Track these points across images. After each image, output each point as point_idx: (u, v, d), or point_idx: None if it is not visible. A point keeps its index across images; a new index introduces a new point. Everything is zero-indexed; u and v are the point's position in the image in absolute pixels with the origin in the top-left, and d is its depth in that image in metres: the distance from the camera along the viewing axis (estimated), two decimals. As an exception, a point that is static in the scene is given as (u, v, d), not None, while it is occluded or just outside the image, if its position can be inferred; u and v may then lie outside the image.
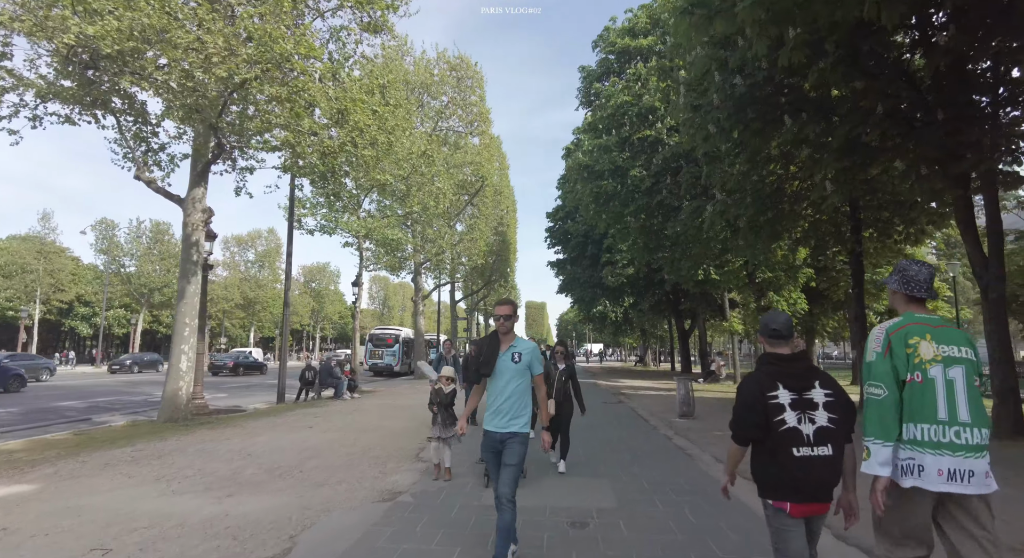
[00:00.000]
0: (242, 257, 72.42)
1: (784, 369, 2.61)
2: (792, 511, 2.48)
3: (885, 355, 2.50)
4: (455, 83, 28.91)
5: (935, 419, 2.39)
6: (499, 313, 3.76)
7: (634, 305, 38.61)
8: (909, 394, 2.44)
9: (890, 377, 2.46)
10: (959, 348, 2.47)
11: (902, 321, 2.56)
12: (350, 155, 13.03)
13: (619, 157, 19.05)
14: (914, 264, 2.67)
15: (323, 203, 20.47)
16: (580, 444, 8.56)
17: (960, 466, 2.34)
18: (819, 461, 2.43)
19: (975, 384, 2.46)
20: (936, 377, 2.41)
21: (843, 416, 2.51)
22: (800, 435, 2.44)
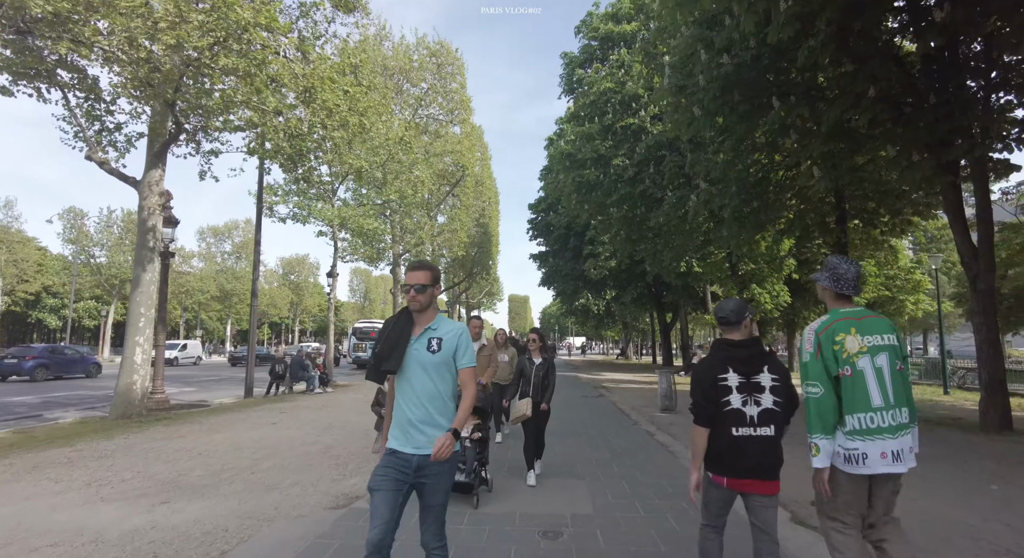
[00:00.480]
0: (218, 248, 70.82)
1: (734, 354, 2.78)
2: (728, 484, 2.73)
3: (817, 355, 2.66)
4: (435, 70, 28.15)
5: (870, 407, 2.56)
6: (409, 281, 2.64)
7: (616, 298, 38.37)
8: (843, 389, 2.61)
9: (824, 376, 2.62)
10: (883, 336, 2.65)
11: (828, 319, 2.73)
12: (320, 138, 12.39)
13: (602, 145, 18.61)
14: (844, 262, 2.80)
15: (295, 190, 19.75)
16: (556, 441, 8.12)
17: (897, 446, 2.56)
18: (759, 441, 2.65)
19: (898, 368, 2.64)
20: (865, 368, 2.59)
21: (787, 400, 2.72)
22: (743, 416, 2.67)
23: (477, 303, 57.64)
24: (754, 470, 2.67)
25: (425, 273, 2.67)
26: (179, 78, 9.52)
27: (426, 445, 2.50)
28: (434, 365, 2.57)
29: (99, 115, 10.83)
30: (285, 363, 16.94)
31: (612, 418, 11.01)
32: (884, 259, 21.53)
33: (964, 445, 8.06)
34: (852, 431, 2.59)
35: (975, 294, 9.53)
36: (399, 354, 2.57)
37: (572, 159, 18.80)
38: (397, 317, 2.69)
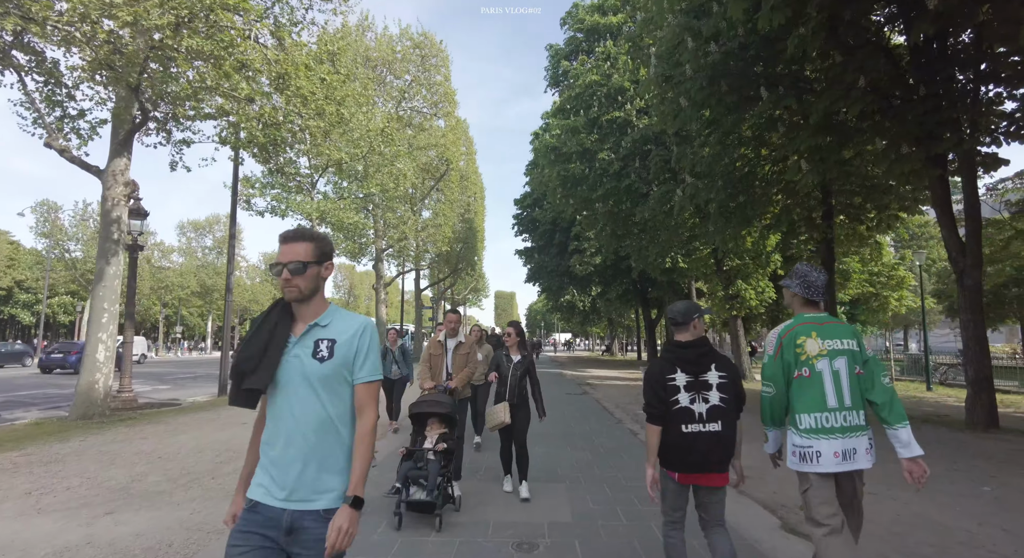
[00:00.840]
0: (199, 243, 69.58)
1: (682, 354, 2.87)
2: (679, 479, 2.83)
3: (776, 356, 2.80)
4: (419, 62, 27.71)
5: (825, 407, 2.67)
6: (282, 258, 1.78)
7: (602, 294, 38.21)
8: (799, 388, 2.74)
9: (779, 376, 2.79)
10: (842, 340, 2.74)
11: (792, 323, 2.84)
12: (295, 127, 11.95)
13: (587, 139, 18.32)
14: (813, 270, 2.91)
15: (273, 182, 19.24)
16: (537, 441, 7.83)
17: (848, 446, 2.64)
18: (707, 436, 2.73)
19: (856, 372, 2.72)
20: (823, 370, 2.70)
21: (734, 396, 2.82)
22: (691, 414, 2.75)
23: (462, 299, 57.27)
24: (703, 465, 2.77)
25: (305, 245, 1.79)
26: (143, 61, 9.04)
27: (309, 497, 1.68)
28: (323, 378, 1.74)
29: (60, 100, 10.29)
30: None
31: (596, 416, 10.75)
32: (868, 255, 21.57)
33: (952, 444, 7.91)
34: (807, 429, 2.71)
35: (962, 290, 9.40)
36: (270, 364, 1.74)
37: (557, 153, 18.50)
38: (268, 311, 1.86)
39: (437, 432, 4.78)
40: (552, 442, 7.94)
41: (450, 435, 4.85)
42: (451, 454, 4.74)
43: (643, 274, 29.59)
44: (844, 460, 2.65)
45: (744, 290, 18.49)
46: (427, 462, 4.44)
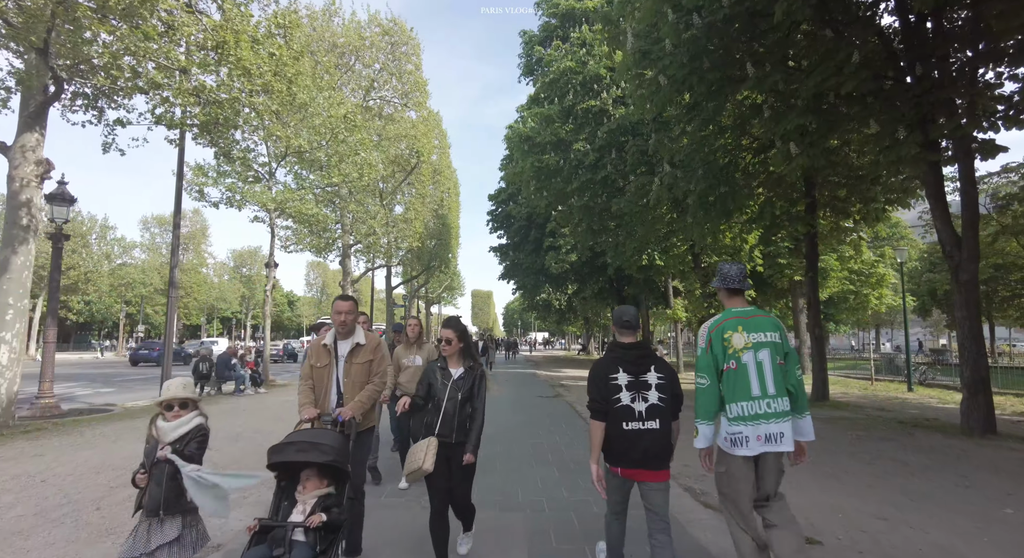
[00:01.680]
0: (164, 239, 67.01)
1: (624, 355, 3.08)
2: (622, 473, 3.02)
3: (707, 350, 3.00)
4: (388, 50, 26.53)
5: (750, 396, 2.89)
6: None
7: (577, 292, 37.53)
8: (727, 380, 2.94)
9: (711, 368, 2.97)
10: (766, 333, 2.96)
11: (720, 318, 3.05)
12: (240, 104, 10.83)
13: (562, 129, 17.48)
14: (727, 264, 3.17)
15: (228, 171, 17.94)
16: (499, 453, 6.92)
17: (772, 430, 2.86)
18: (647, 434, 2.94)
19: (779, 363, 2.93)
20: (748, 362, 2.91)
21: (671, 396, 3.05)
22: (632, 412, 2.96)
23: (436, 298, 56.10)
24: (643, 460, 2.93)
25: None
26: (50, 19, 7.87)
27: None
28: None
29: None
30: (211, 361, 15.26)
31: (567, 424, 9.88)
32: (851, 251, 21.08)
33: (953, 453, 7.23)
34: (735, 417, 2.89)
35: (957, 285, 8.77)
36: None
37: (531, 143, 17.62)
38: None
39: (314, 494, 2.92)
40: (514, 457, 7.03)
41: (337, 498, 2.95)
42: (337, 530, 2.83)
43: (619, 272, 28.95)
44: (767, 442, 2.85)
45: (723, 288, 17.87)
46: (290, 549, 2.64)
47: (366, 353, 3.79)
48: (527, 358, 45.21)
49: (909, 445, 7.72)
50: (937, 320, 41.56)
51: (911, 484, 5.72)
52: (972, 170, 8.60)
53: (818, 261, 13.38)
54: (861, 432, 8.81)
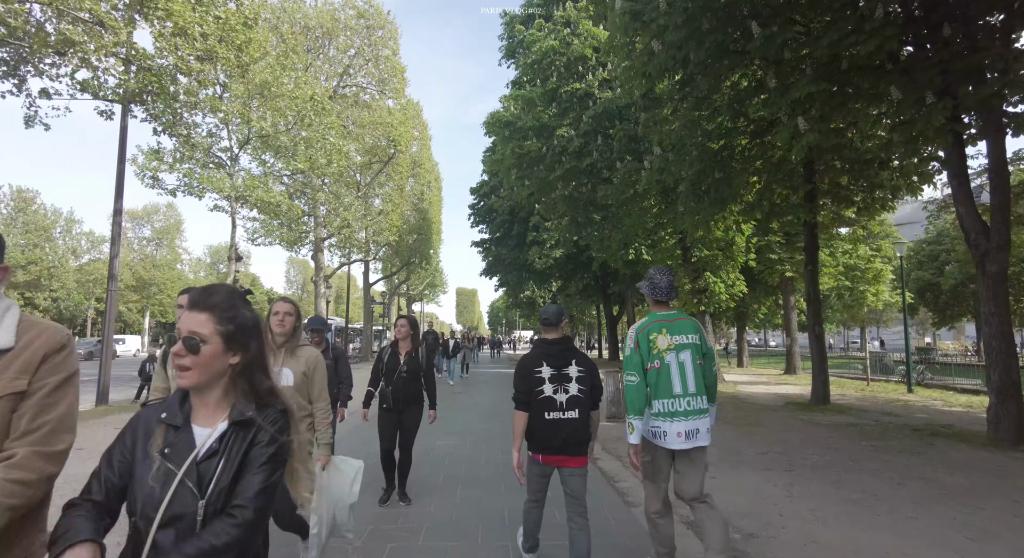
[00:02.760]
0: (136, 234, 64.81)
1: (548, 350, 3.31)
2: (543, 460, 3.21)
3: (636, 350, 3.20)
4: (364, 33, 25.24)
5: (672, 394, 3.12)
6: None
7: (562, 289, 36.56)
8: (652, 378, 3.16)
9: (639, 367, 3.16)
10: (687, 336, 3.20)
11: (646, 321, 3.27)
12: (177, 70, 9.57)
13: (544, 113, 16.37)
14: (659, 273, 3.36)
15: (185, 156, 16.55)
16: (455, 482, 5.81)
17: (691, 427, 3.10)
18: (566, 422, 3.16)
19: (698, 363, 3.18)
20: (671, 362, 3.14)
21: (591, 388, 3.27)
22: (553, 402, 3.18)
23: (418, 295, 54.75)
24: (563, 448, 3.16)
25: None
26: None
27: None
28: None
29: None
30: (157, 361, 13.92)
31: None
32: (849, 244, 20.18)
33: (991, 470, 6.24)
34: (657, 413, 3.15)
35: (983, 277, 7.83)
36: None
37: (512, 128, 16.48)
38: None
39: None
40: (479, 474, 5.91)
41: None
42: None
43: (604, 268, 27.99)
44: (687, 439, 3.10)
45: (713, 283, 16.90)
46: None
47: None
48: (511, 357, 44.12)
49: (937, 460, 6.73)
50: (923, 318, 41.21)
51: (960, 514, 4.70)
52: (1003, 147, 7.64)
53: (818, 254, 12.43)
54: (875, 442, 7.82)
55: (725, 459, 6.81)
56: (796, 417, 10.45)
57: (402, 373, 4.78)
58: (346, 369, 4.96)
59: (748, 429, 9.10)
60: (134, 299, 63.71)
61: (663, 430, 3.12)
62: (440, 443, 7.65)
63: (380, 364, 4.90)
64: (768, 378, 21.11)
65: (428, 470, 6.10)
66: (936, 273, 34.57)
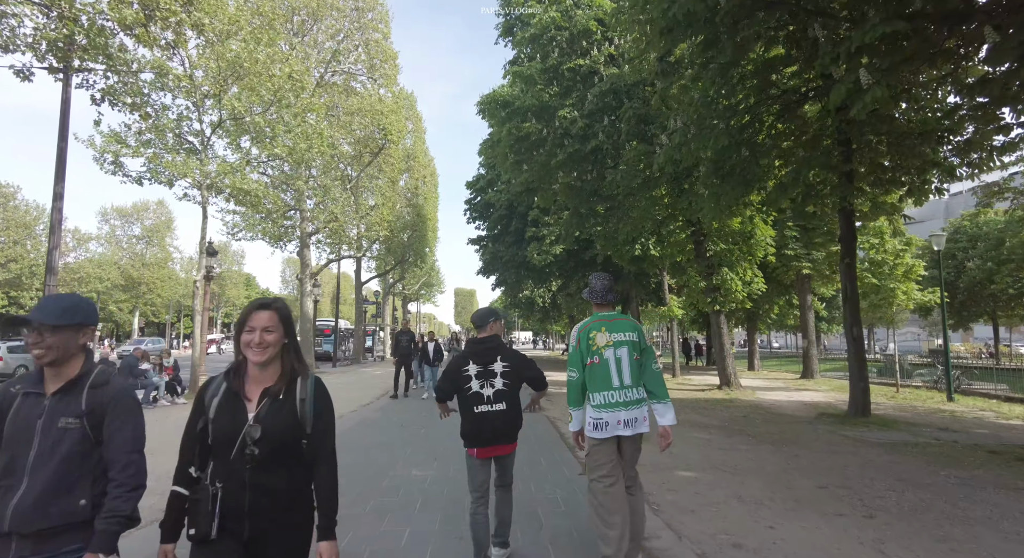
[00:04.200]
0: (126, 232, 63.18)
1: (476, 349, 3.55)
2: (477, 454, 3.43)
3: (577, 347, 3.48)
4: (353, 15, 23.74)
5: (610, 387, 3.37)
6: None
7: (562, 288, 35.02)
8: (591, 373, 3.41)
9: (579, 363, 3.46)
10: (625, 333, 3.45)
11: (588, 321, 3.57)
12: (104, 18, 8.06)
13: (545, 92, 14.89)
14: (596, 279, 3.64)
15: (151, 140, 15.02)
16: (438, 516, 4.30)
17: (629, 416, 3.35)
18: (494, 415, 3.39)
19: (635, 358, 3.43)
20: (609, 358, 3.39)
21: (516, 379, 3.51)
22: (481, 397, 3.42)
23: (414, 294, 53.20)
24: (493, 439, 3.40)
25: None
26: None
27: None
28: None
29: None
30: (112, 365, 12.41)
31: (551, 458, 7.29)
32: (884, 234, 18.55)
33: None
34: (598, 405, 3.37)
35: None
36: None
37: (510, 108, 14.97)
38: None
39: None
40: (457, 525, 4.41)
41: None
42: None
43: (607, 266, 26.52)
44: (626, 426, 3.34)
45: (730, 279, 15.41)
46: None
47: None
48: (508, 359, 42.59)
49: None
50: (936, 320, 39.78)
51: None
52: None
53: (855, 243, 10.94)
54: (956, 471, 6.34)
55: (775, 495, 5.33)
56: (838, 433, 8.97)
57: None
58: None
59: (789, 450, 7.62)
60: (124, 299, 62.10)
61: (604, 421, 3.34)
62: (416, 473, 6.15)
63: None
64: (784, 382, 19.64)
65: (398, 505, 4.61)
66: (952, 273, 33.12)
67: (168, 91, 14.27)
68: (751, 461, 6.94)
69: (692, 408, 12.27)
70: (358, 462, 6.52)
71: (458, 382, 3.47)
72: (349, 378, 19.20)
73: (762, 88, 9.96)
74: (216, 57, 14.18)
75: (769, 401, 13.81)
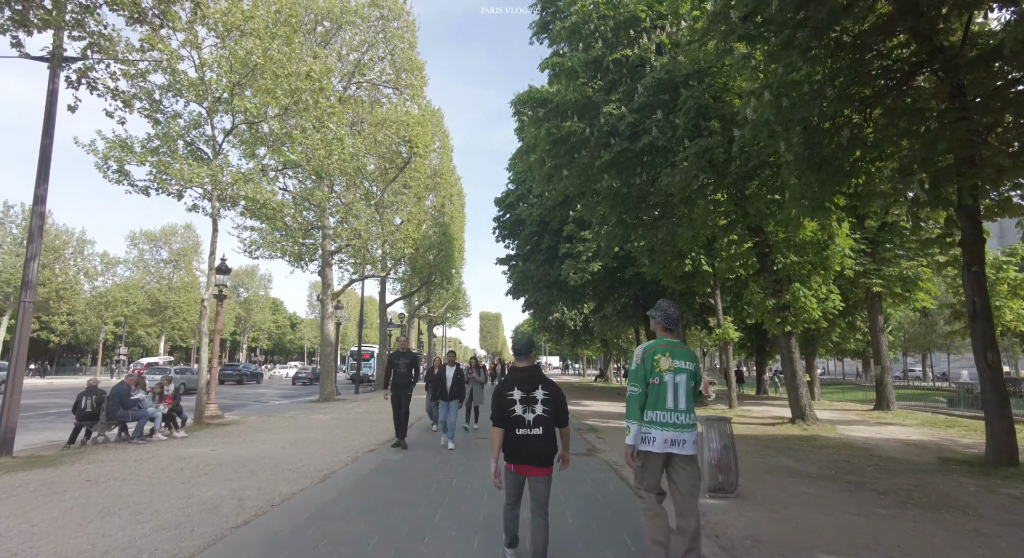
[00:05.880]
0: (154, 256, 63.46)
1: (518, 376, 3.91)
2: (514, 470, 3.79)
3: (641, 365, 3.76)
4: (378, 24, 22.76)
5: (665, 408, 3.68)
6: None
7: (596, 310, 33.03)
8: (651, 391, 3.72)
9: (642, 380, 3.74)
10: (685, 362, 3.75)
11: (654, 344, 3.85)
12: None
13: (588, 86, 13.32)
14: (670, 306, 3.98)
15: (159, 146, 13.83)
16: None
17: (677, 437, 3.67)
18: (533, 438, 3.73)
19: (691, 386, 3.75)
20: (668, 381, 3.69)
21: (554, 409, 3.82)
22: (523, 421, 3.76)
23: (440, 317, 51.62)
24: (530, 459, 3.71)
25: None
26: None
27: None
28: None
29: None
30: (102, 395, 10.93)
31: (621, 523, 5.38)
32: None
33: None
34: (650, 421, 3.71)
35: None
36: None
37: (548, 106, 13.42)
38: None
39: None
40: None
41: None
42: None
43: (646, 287, 24.55)
44: (671, 445, 3.64)
45: (803, 297, 13.34)
46: None
47: None
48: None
49: None
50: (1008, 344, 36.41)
51: None
52: None
53: (983, 248, 8.90)
54: None
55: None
56: (997, 490, 6.86)
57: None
58: None
59: (953, 519, 5.58)
60: (150, 323, 61.99)
61: (652, 435, 3.68)
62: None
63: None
64: (858, 414, 17.27)
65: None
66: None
67: (175, 91, 13.14)
68: (913, 537, 4.95)
69: (775, 448, 10.20)
70: None
71: (503, 405, 3.80)
72: (358, 410, 17.48)
73: (860, 62, 8.19)
74: (228, 52, 13.04)
75: (859, 439, 11.63)
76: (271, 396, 26.58)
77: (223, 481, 6.83)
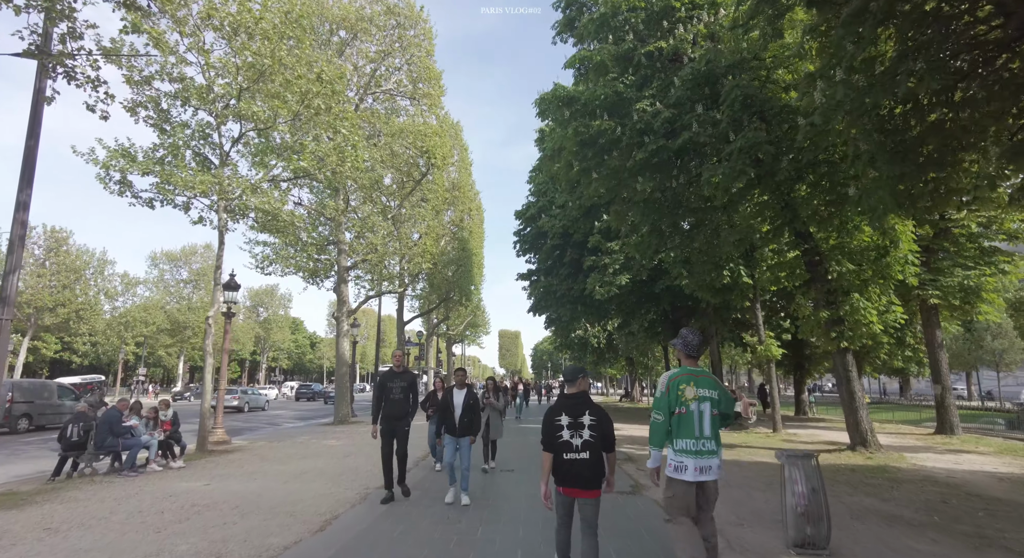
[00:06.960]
0: (174, 276, 63.62)
1: (567, 402, 4.06)
2: (563, 492, 3.94)
3: (666, 394, 3.87)
4: (394, 33, 22.12)
5: (693, 436, 3.79)
6: None
7: (621, 326, 31.60)
8: (677, 420, 3.83)
9: (666, 409, 3.86)
10: (709, 390, 3.86)
11: (678, 372, 3.98)
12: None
13: (619, 82, 12.27)
14: (690, 333, 4.13)
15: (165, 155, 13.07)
16: None
17: (705, 464, 3.78)
18: (580, 462, 3.86)
19: (715, 414, 3.84)
20: (694, 410, 3.80)
21: (601, 434, 3.93)
22: (570, 445, 3.90)
23: (459, 335, 50.52)
24: (578, 482, 3.87)
25: None
26: None
27: None
28: None
29: None
30: (91, 421, 9.97)
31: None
32: None
33: None
34: (680, 450, 3.81)
35: None
36: None
37: (575, 104, 12.38)
38: None
39: None
40: None
41: None
42: None
43: (675, 301, 23.19)
44: (701, 473, 3.77)
45: (864, 309, 11.96)
46: None
47: None
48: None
49: None
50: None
51: None
52: None
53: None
54: None
55: None
56: None
57: None
58: None
59: None
60: (169, 343, 61.84)
61: (684, 465, 3.76)
62: None
63: None
64: (917, 439, 15.65)
65: None
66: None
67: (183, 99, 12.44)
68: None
69: (846, 483, 8.79)
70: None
71: (552, 429, 3.98)
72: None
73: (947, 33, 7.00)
74: (234, 54, 12.32)
75: (938, 471, 10.13)
76: (285, 418, 25.62)
77: (205, 530, 5.72)
